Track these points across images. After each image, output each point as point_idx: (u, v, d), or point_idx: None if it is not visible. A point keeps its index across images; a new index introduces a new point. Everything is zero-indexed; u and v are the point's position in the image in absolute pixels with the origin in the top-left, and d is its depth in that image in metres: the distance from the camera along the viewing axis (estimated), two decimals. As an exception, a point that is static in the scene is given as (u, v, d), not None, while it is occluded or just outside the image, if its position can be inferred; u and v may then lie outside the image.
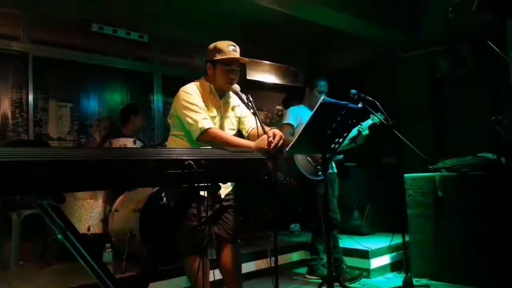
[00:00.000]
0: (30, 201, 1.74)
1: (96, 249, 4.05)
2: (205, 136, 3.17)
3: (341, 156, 4.73)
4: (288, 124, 4.73)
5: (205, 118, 3.20)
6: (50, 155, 1.60)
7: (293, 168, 4.65)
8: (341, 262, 4.76)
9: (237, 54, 3.37)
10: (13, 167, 1.48)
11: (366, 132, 4.48)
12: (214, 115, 3.36)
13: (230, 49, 3.34)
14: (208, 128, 3.16)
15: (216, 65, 3.35)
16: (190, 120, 3.20)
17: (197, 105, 3.24)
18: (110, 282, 2.04)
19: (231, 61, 3.34)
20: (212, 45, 3.40)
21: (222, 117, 3.44)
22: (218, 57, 3.33)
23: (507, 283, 4.09)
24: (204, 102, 3.32)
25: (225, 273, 3.50)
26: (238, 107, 3.54)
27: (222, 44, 3.36)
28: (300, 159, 4.58)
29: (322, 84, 4.82)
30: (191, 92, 3.30)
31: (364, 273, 4.85)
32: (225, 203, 3.44)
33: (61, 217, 1.82)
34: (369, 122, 4.49)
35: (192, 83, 3.44)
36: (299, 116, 4.71)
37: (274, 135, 3.03)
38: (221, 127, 3.40)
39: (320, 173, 4.47)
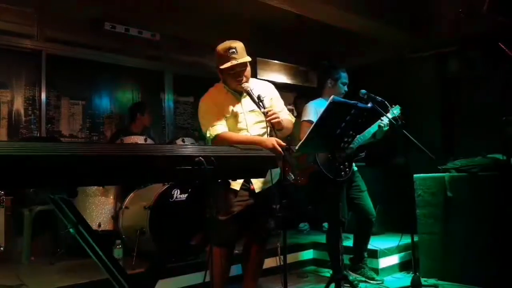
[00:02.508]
0: (43, 195, 1.77)
1: (107, 245, 4.08)
2: (216, 143, 3.31)
3: (363, 154, 4.65)
4: (309, 121, 4.51)
5: (214, 125, 3.33)
6: (64, 149, 1.64)
7: (310, 164, 4.55)
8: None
9: (237, 56, 3.34)
10: (29, 161, 1.52)
11: (386, 128, 4.43)
12: (235, 114, 3.43)
13: (229, 53, 3.32)
14: (216, 135, 3.31)
15: (222, 72, 3.40)
16: (203, 130, 3.41)
17: (209, 114, 3.39)
18: (122, 278, 2.07)
19: (233, 68, 3.36)
20: (215, 51, 3.43)
21: (245, 112, 3.48)
22: (221, 66, 3.36)
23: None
24: (218, 105, 3.41)
25: (247, 270, 3.58)
26: (265, 98, 3.43)
27: (221, 50, 3.36)
28: (322, 157, 4.42)
29: (344, 76, 4.70)
30: (204, 102, 3.47)
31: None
32: (259, 200, 3.47)
33: (74, 211, 1.86)
34: (389, 116, 4.39)
35: (210, 90, 3.56)
36: (319, 111, 4.56)
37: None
38: (245, 122, 3.46)
39: (343, 173, 4.39)
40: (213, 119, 3.35)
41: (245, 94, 3.48)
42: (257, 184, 3.43)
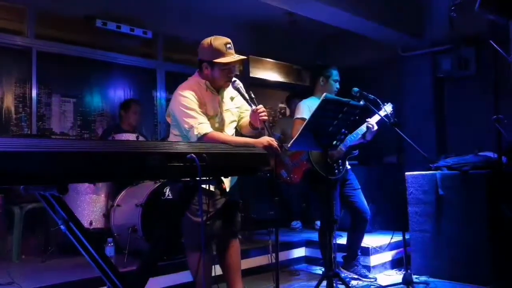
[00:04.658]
0: (33, 193, 1.75)
1: (98, 243, 4.06)
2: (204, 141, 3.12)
3: (356, 152, 4.65)
4: (302, 118, 4.42)
5: (201, 123, 3.16)
6: (56, 146, 1.62)
7: (303, 162, 4.56)
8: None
9: (234, 53, 3.28)
10: (19, 157, 1.50)
11: (375, 128, 4.43)
12: (215, 113, 3.33)
13: (227, 48, 3.24)
14: (204, 134, 3.13)
15: (215, 66, 3.26)
16: (186, 126, 3.17)
17: (194, 110, 3.18)
18: (113, 276, 2.05)
19: (229, 64, 3.27)
20: (206, 44, 3.28)
21: (222, 111, 3.40)
22: (217, 60, 3.22)
23: (507, 281, 4.11)
24: (201, 102, 3.25)
25: (228, 268, 3.52)
26: (237, 97, 3.47)
27: (219, 44, 3.23)
28: (315, 155, 4.42)
29: (336, 73, 4.67)
30: (188, 96, 3.22)
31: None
32: (227, 197, 3.41)
33: (64, 208, 1.84)
34: (381, 114, 4.39)
35: (188, 82, 3.38)
36: (312, 108, 4.52)
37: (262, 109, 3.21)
38: (222, 122, 3.38)
39: (336, 171, 4.39)
40: (199, 116, 3.18)
41: (222, 92, 3.42)
42: (226, 182, 3.35)
